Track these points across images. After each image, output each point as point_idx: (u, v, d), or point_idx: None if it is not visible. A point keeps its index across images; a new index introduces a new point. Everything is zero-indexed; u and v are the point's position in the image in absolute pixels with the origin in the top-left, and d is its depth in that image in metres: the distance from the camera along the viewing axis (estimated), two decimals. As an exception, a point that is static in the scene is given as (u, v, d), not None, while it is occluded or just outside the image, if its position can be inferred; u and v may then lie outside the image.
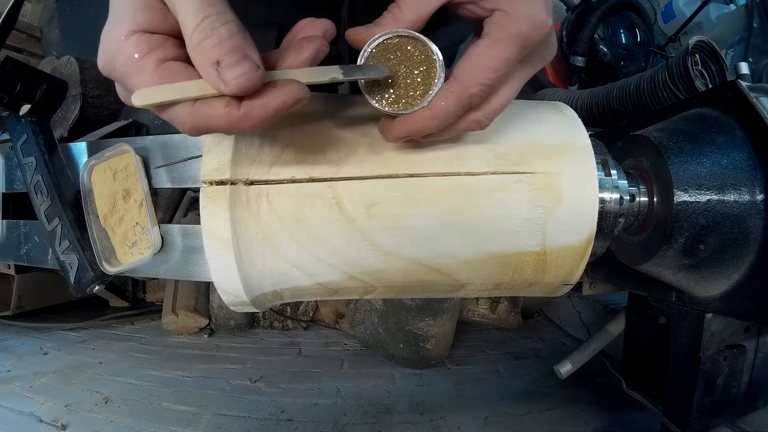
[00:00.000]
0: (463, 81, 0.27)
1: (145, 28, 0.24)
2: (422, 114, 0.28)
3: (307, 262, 0.35)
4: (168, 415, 0.78)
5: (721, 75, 0.68)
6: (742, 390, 0.49)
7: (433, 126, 0.29)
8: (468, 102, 0.28)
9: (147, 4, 0.24)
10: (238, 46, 0.23)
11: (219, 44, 0.22)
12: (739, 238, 0.38)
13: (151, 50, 0.24)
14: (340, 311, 1.19)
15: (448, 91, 0.28)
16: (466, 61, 0.27)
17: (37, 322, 1.20)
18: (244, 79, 0.22)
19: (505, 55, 0.27)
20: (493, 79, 0.27)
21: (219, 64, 0.22)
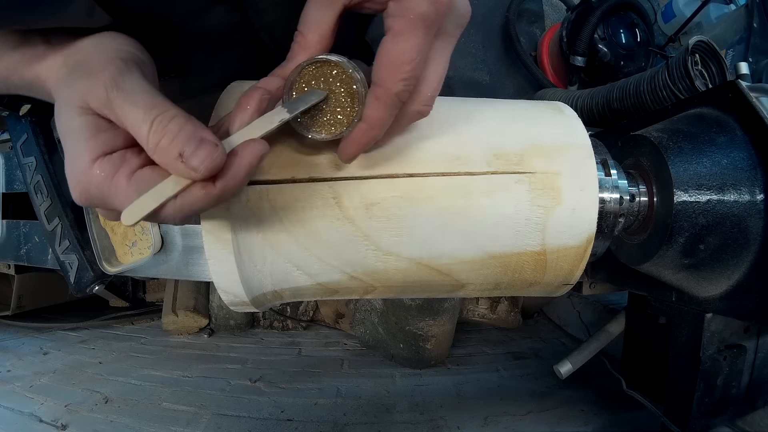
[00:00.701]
0: (383, 84, 0.27)
1: (103, 151, 0.25)
2: (360, 129, 0.29)
3: (307, 262, 0.35)
4: (168, 415, 0.78)
5: (721, 75, 0.68)
6: (742, 390, 0.49)
7: (375, 135, 0.29)
8: (397, 101, 0.28)
9: (96, 130, 0.25)
10: (192, 134, 0.24)
11: (174, 139, 0.23)
12: (739, 238, 0.38)
13: (117, 169, 0.25)
14: (340, 311, 1.20)
15: (374, 99, 0.27)
16: (379, 63, 0.27)
17: (37, 322, 1.20)
18: (209, 161, 0.23)
19: (413, 44, 0.26)
20: (410, 70, 0.27)
21: (182, 156, 0.23)
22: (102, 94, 0.25)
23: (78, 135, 0.25)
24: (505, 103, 0.41)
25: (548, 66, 1.13)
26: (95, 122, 0.25)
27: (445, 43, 0.30)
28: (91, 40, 0.29)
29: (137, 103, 0.24)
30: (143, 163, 0.26)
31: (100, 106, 0.25)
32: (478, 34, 1.17)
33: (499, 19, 1.18)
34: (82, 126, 0.25)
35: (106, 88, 0.25)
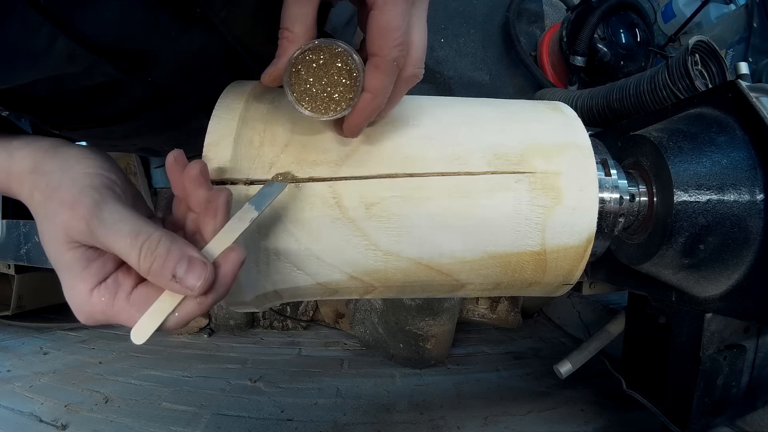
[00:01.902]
0: (380, 53, 0.29)
1: (97, 280, 0.27)
2: (365, 99, 0.30)
3: (307, 261, 0.35)
4: (168, 414, 0.78)
5: (721, 75, 0.68)
6: (742, 390, 0.49)
7: (379, 103, 0.31)
8: (394, 67, 0.29)
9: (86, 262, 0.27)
10: (180, 255, 0.25)
11: (164, 263, 0.25)
12: (739, 237, 0.38)
13: (114, 294, 0.27)
14: (340, 311, 1.19)
15: (373, 68, 0.29)
16: (372, 35, 0.29)
17: (37, 322, 1.20)
18: (203, 280, 0.25)
19: (398, 11, 0.28)
20: (401, 35, 0.29)
21: (175, 277, 0.25)
22: (84, 228, 0.26)
23: (70, 269, 0.27)
24: (505, 103, 0.41)
25: (548, 66, 1.13)
26: (84, 254, 0.27)
27: (420, 10, 0.31)
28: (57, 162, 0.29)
29: (120, 232, 0.26)
30: (136, 280, 0.28)
31: (84, 240, 0.26)
32: (478, 34, 1.17)
33: (499, 19, 1.18)
34: (73, 260, 0.27)
35: (86, 222, 0.26)
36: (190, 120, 0.51)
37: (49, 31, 0.30)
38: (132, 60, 0.37)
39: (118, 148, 0.73)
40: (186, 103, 0.48)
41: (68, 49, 0.31)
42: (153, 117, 0.48)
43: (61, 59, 0.32)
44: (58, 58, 0.32)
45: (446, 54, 1.15)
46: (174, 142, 0.61)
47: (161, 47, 0.38)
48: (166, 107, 0.47)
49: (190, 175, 0.28)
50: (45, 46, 0.30)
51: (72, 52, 0.32)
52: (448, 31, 1.16)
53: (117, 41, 0.35)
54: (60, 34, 0.30)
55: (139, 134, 0.54)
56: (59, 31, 0.30)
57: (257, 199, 0.30)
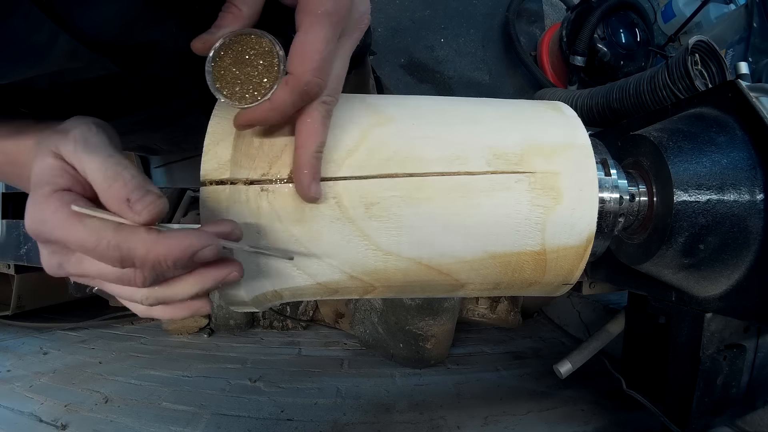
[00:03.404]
0: (295, 72, 0.29)
1: (63, 186, 0.28)
2: (264, 106, 0.30)
3: (307, 261, 0.35)
4: (168, 414, 0.78)
5: (720, 75, 0.68)
6: (742, 389, 0.49)
7: (274, 117, 0.30)
8: (304, 91, 0.29)
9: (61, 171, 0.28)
10: (140, 184, 0.27)
11: (125, 185, 0.26)
12: (739, 237, 0.38)
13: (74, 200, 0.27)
14: (340, 311, 1.20)
15: (284, 83, 0.29)
16: (293, 53, 0.29)
17: (37, 322, 1.20)
18: (152, 206, 0.26)
19: (322, 35, 0.29)
20: (320, 60, 0.29)
21: (129, 201, 0.26)
22: (71, 146, 0.28)
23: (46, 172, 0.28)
24: (505, 102, 0.41)
25: (548, 66, 1.13)
26: (62, 165, 0.28)
27: (348, 44, 0.32)
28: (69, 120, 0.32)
29: (98, 153, 0.28)
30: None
31: (68, 155, 0.28)
32: (478, 34, 1.17)
33: (498, 18, 1.18)
34: (51, 165, 0.28)
35: (75, 141, 0.28)
36: (187, 116, 0.51)
37: (51, 29, 0.30)
38: (131, 56, 0.37)
39: None
40: (184, 99, 0.48)
41: (69, 47, 0.32)
42: (151, 112, 0.49)
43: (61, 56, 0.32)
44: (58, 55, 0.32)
45: (446, 54, 1.15)
46: (172, 139, 0.61)
47: (160, 43, 0.39)
48: (165, 102, 0.48)
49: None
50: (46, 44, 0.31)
51: (73, 49, 0.32)
52: (448, 31, 1.16)
53: (117, 38, 0.35)
54: (61, 31, 0.31)
55: (137, 130, 0.54)
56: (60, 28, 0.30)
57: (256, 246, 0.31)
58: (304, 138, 0.31)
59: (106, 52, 0.34)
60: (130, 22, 0.35)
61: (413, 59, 1.16)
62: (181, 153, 0.82)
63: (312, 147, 0.31)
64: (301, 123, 0.31)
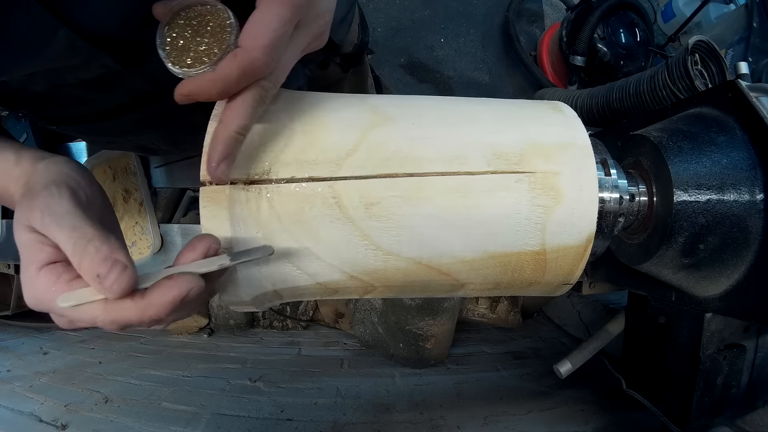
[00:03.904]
0: (246, 46, 0.28)
1: (45, 262, 0.28)
2: (205, 76, 0.29)
3: (307, 261, 0.35)
4: (168, 414, 0.78)
5: (720, 74, 0.68)
6: (742, 389, 0.49)
7: (215, 89, 0.29)
8: (251, 67, 0.28)
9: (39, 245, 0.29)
10: (105, 256, 0.26)
11: (90, 261, 0.26)
12: (739, 237, 0.38)
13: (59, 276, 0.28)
14: (340, 311, 1.19)
15: (232, 56, 0.29)
16: (247, 28, 0.29)
17: (37, 322, 1.20)
18: (119, 282, 0.26)
19: (279, 15, 0.28)
20: (273, 39, 0.28)
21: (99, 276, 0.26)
22: (38, 216, 0.28)
23: (26, 249, 0.29)
24: (505, 102, 0.41)
25: (548, 65, 1.13)
26: (38, 239, 0.29)
27: (303, 36, 0.31)
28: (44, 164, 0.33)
29: (62, 225, 0.28)
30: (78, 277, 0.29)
31: (39, 226, 0.28)
32: (478, 34, 1.17)
33: (498, 18, 1.18)
34: (28, 242, 0.29)
35: (41, 212, 0.28)
36: (186, 115, 0.51)
37: (50, 23, 0.30)
38: (129, 51, 0.37)
39: (115, 145, 0.73)
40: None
41: (68, 41, 0.32)
42: (150, 111, 0.49)
43: (61, 50, 0.32)
44: (58, 50, 0.32)
45: (446, 54, 1.15)
46: (171, 138, 0.61)
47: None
48: (163, 101, 0.48)
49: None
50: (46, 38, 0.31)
51: (72, 43, 0.32)
52: (448, 30, 1.16)
53: (116, 33, 0.35)
54: (61, 25, 0.31)
55: (136, 129, 0.54)
56: (60, 22, 0.31)
57: (237, 253, 0.31)
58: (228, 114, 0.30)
59: (105, 46, 0.34)
60: (128, 16, 0.35)
61: (413, 59, 1.16)
62: (181, 153, 0.82)
63: (232, 126, 0.30)
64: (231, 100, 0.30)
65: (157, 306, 0.27)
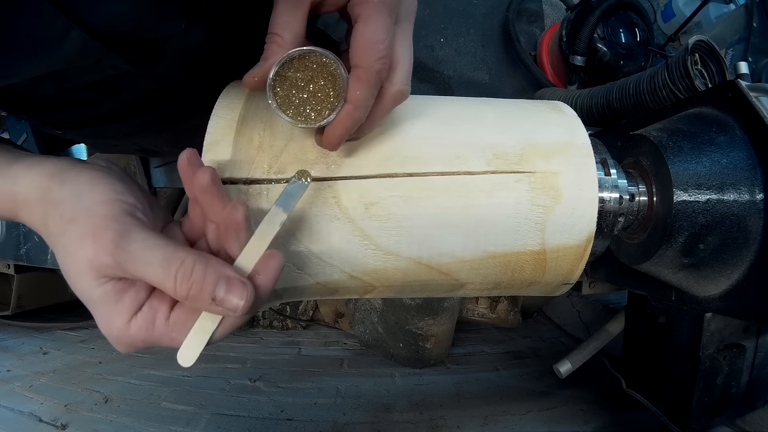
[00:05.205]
0: (363, 64, 0.28)
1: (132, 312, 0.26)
2: (346, 110, 0.30)
3: (307, 261, 0.35)
4: (167, 414, 0.78)
5: (720, 74, 0.68)
6: (742, 389, 0.49)
7: (360, 116, 0.30)
8: (377, 79, 0.29)
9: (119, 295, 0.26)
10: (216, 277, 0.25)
11: (202, 288, 0.25)
12: (739, 237, 0.38)
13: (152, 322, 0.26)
14: (340, 311, 1.19)
15: (356, 79, 0.29)
16: (356, 46, 0.29)
17: (36, 322, 1.20)
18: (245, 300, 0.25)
19: (381, 24, 0.28)
20: (385, 48, 0.28)
21: (215, 300, 0.25)
22: (111, 263, 0.25)
23: (103, 303, 0.26)
24: (505, 102, 0.41)
25: (548, 65, 1.13)
26: (115, 287, 0.26)
27: (405, 28, 0.32)
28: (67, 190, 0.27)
29: (151, 262, 0.25)
30: (172, 302, 0.27)
31: (113, 273, 0.25)
32: (478, 34, 1.17)
33: (498, 18, 1.18)
34: (105, 295, 0.26)
35: (113, 256, 0.25)
36: (192, 117, 0.51)
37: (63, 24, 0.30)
38: (141, 52, 0.37)
39: (119, 148, 0.73)
40: (189, 99, 0.48)
41: (81, 41, 0.31)
42: (156, 113, 0.49)
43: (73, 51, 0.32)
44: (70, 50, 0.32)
45: (446, 53, 1.15)
46: (175, 140, 0.61)
47: (169, 39, 0.39)
48: (170, 103, 0.48)
49: (201, 184, 0.27)
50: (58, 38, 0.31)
51: (84, 44, 0.32)
52: (447, 30, 1.16)
53: (128, 33, 0.35)
54: (73, 26, 0.30)
55: (142, 132, 0.54)
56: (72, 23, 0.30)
57: (283, 200, 0.29)
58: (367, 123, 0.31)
59: (117, 47, 0.34)
60: (141, 17, 0.35)
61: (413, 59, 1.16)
62: (182, 153, 0.82)
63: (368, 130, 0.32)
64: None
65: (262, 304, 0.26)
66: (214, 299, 0.25)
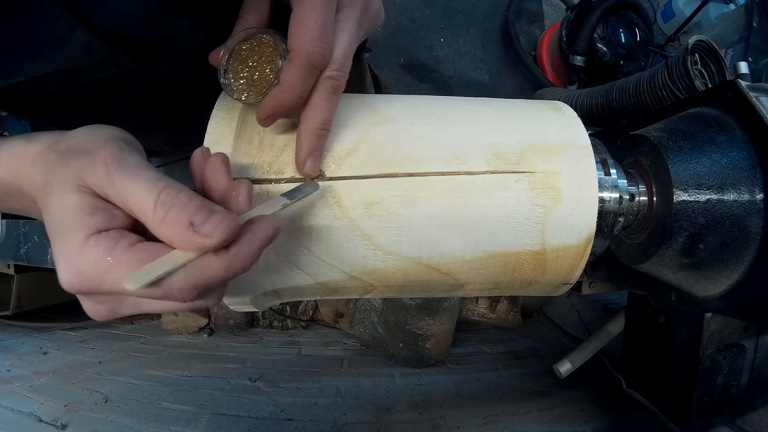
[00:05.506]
0: (295, 47, 0.29)
1: (99, 228, 0.23)
2: (275, 92, 0.30)
3: (307, 261, 0.35)
4: (167, 414, 0.78)
5: (720, 74, 0.68)
6: (742, 389, 0.49)
7: (288, 98, 0.30)
8: (309, 62, 0.29)
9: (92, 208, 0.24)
10: (202, 204, 0.23)
11: (184, 208, 0.22)
12: (739, 237, 0.38)
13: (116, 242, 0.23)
14: (340, 311, 1.20)
15: (288, 62, 0.29)
16: (291, 30, 0.29)
17: (36, 322, 1.20)
18: (224, 225, 0.22)
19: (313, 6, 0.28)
20: (318, 28, 0.28)
21: (193, 225, 0.22)
22: (102, 170, 0.23)
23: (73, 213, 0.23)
24: (505, 102, 0.41)
25: (548, 65, 1.13)
26: (92, 201, 0.24)
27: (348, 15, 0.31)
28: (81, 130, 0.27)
29: (141, 176, 0.23)
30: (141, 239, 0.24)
31: (99, 183, 0.24)
32: (478, 34, 1.17)
33: (498, 18, 1.18)
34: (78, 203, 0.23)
35: (106, 164, 0.24)
36: (193, 116, 0.51)
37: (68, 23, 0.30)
38: (145, 51, 0.37)
39: None
40: (191, 99, 0.48)
41: (86, 41, 0.32)
42: (158, 113, 0.49)
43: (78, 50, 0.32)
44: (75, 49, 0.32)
45: (446, 53, 1.15)
46: (176, 140, 0.61)
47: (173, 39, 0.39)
48: (172, 102, 0.48)
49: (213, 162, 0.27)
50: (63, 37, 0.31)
51: (89, 43, 0.32)
52: (447, 30, 1.16)
53: (133, 32, 0.35)
54: (78, 25, 0.31)
55: (143, 132, 0.54)
56: (77, 22, 0.30)
57: (291, 192, 0.30)
58: (306, 114, 0.31)
59: (122, 46, 0.34)
60: (145, 16, 0.35)
61: (413, 59, 1.16)
62: (182, 153, 0.82)
63: (312, 123, 0.31)
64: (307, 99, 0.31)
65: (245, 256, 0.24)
66: (192, 224, 0.22)
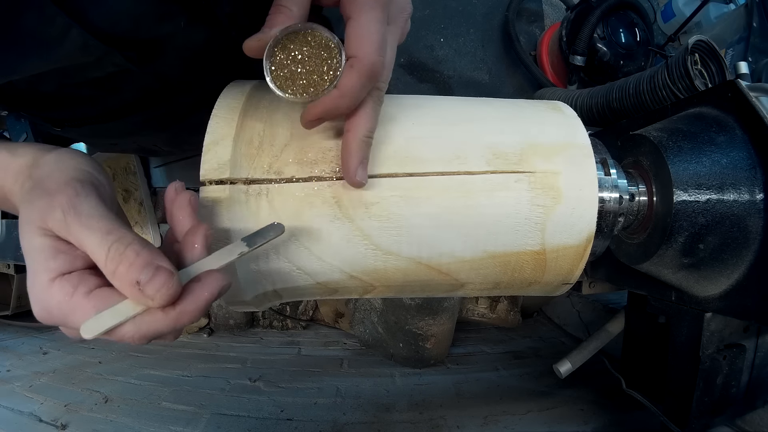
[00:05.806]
0: (360, 55, 0.28)
1: (61, 271, 0.25)
2: (332, 95, 0.29)
3: (307, 261, 0.35)
4: (167, 414, 0.78)
5: (720, 74, 0.68)
6: (742, 389, 0.49)
7: (344, 104, 0.30)
8: (371, 72, 0.29)
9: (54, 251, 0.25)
10: (148, 261, 0.24)
11: (130, 266, 0.24)
12: (739, 237, 0.38)
13: (75, 288, 0.25)
14: (340, 310, 1.19)
15: (349, 67, 0.29)
16: (351, 38, 0.29)
17: (36, 322, 1.20)
18: (165, 289, 0.24)
19: (375, 17, 0.28)
20: (380, 42, 0.29)
21: (139, 284, 0.23)
22: (59, 216, 0.25)
23: (38, 255, 0.25)
24: (505, 102, 0.41)
25: (548, 65, 1.13)
26: (54, 244, 0.25)
27: (393, 31, 0.32)
28: (53, 156, 0.29)
29: (93, 227, 0.25)
30: (101, 283, 0.26)
31: (58, 228, 0.25)
32: (478, 34, 1.17)
33: (498, 18, 1.18)
34: (42, 247, 0.25)
35: (63, 210, 0.25)
36: (192, 115, 0.51)
37: (64, 22, 0.30)
38: (141, 50, 0.37)
39: (118, 147, 0.73)
40: (189, 97, 0.48)
41: (81, 40, 0.32)
42: (156, 112, 0.49)
43: (74, 49, 0.32)
44: (71, 49, 0.32)
45: (446, 53, 1.15)
46: (175, 139, 0.61)
47: (169, 38, 0.39)
48: (170, 101, 0.48)
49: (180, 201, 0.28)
50: (59, 37, 0.31)
51: (85, 42, 0.32)
52: (447, 30, 1.16)
53: (129, 32, 0.35)
54: (74, 24, 0.31)
55: (142, 130, 0.54)
56: (73, 22, 0.31)
57: (251, 237, 0.29)
58: (355, 122, 0.31)
59: (118, 45, 0.35)
60: (141, 16, 0.35)
61: (413, 59, 1.16)
62: (182, 153, 0.82)
63: (362, 131, 0.31)
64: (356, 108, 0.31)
65: (191, 312, 0.25)
66: (138, 282, 0.23)
